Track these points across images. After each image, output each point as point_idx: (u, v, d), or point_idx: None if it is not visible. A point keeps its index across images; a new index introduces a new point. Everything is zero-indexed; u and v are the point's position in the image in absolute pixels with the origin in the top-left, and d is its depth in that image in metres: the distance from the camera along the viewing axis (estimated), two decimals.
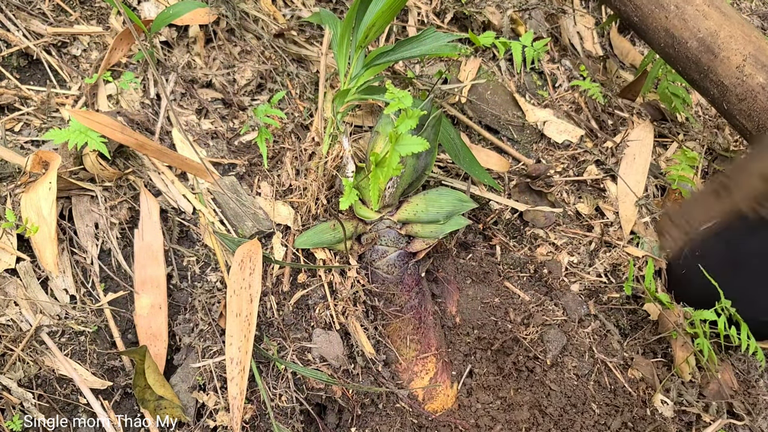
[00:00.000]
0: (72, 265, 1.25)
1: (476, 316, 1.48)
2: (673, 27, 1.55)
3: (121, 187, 1.35)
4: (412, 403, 1.31)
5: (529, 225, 1.68)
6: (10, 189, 1.26)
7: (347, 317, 1.32)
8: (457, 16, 2.01)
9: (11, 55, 1.44)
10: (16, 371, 1.13)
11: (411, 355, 1.35)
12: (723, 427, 1.46)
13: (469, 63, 1.89)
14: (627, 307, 1.58)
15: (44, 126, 1.38)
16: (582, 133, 1.87)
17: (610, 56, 2.20)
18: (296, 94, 1.62)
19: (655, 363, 1.52)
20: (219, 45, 1.64)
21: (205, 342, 1.24)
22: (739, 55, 1.47)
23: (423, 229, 1.38)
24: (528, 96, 1.94)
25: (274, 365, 1.24)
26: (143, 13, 1.60)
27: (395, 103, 1.09)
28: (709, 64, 1.51)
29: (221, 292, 1.30)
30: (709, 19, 1.51)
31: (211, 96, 1.57)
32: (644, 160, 1.79)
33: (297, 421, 1.22)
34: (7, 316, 1.16)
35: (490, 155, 1.73)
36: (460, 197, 1.39)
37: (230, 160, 1.47)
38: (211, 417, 1.18)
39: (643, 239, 1.67)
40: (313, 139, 1.48)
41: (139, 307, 1.25)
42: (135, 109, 1.47)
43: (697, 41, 1.52)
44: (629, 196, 1.74)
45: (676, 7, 1.55)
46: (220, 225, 1.38)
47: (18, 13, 1.47)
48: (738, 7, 2.68)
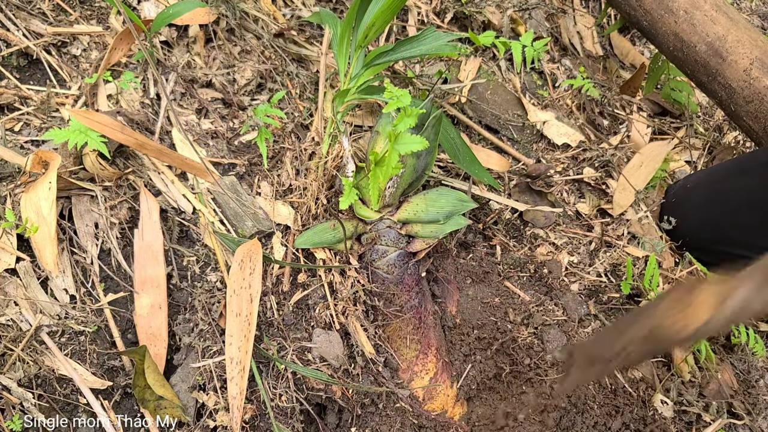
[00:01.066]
0: (72, 265, 1.25)
1: (476, 316, 1.48)
2: (682, 31, 1.60)
3: (121, 187, 1.35)
4: (412, 403, 1.31)
5: (529, 225, 1.68)
6: (10, 189, 1.26)
7: (347, 317, 1.32)
8: (457, 16, 2.00)
9: (11, 54, 1.44)
10: (16, 371, 1.13)
11: (411, 355, 1.34)
12: (723, 427, 1.46)
13: (469, 63, 1.89)
14: (627, 307, 1.58)
15: (44, 126, 1.38)
16: (582, 134, 1.87)
17: (610, 56, 2.20)
18: (296, 93, 1.62)
19: (655, 363, 1.52)
20: (219, 45, 1.64)
21: (205, 342, 1.24)
22: (746, 59, 1.52)
23: (423, 229, 1.38)
24: (528, 96, 1.94)
25: (274, 365, 1.24)
26: (143, 12, 1.60)
27: (393, 101, 1.09)
28: (717, 68, 1.56)
29: (221, 292, 1.30)
30: (717, 24, 1.56)
31: (211, 96, 1.57)
32: (649, 170, 1.79)
33: (297, 421, 1.22)
34: (7, 316, 1.16)
35: (490, 155, 1.73)
36: (460, 197, 1.39)
37: (230, 160, 1.47)
38: (211, 417, 1.18)
39: (643, 238, 1.67)
40: (313, 139, 1.48)
41: (139, 307, 1.25)
42: (135, 108, 1.47)
43: (706, 45, 1.57)
44: (629, 195, 1.74)
45: (685, 12, 1.59)
46: (220, 225, 1.38)
47: (18, 12, 1.47)
48: (738, 7, 2.68)
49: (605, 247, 1.67)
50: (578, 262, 1.64)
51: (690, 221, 1.64)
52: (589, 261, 1.65)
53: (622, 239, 1.68)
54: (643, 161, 1.79)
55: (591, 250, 1.67)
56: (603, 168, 1.82)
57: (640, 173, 1.78)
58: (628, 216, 1.72)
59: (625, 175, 1.76)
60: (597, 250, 1.67)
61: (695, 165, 1.93)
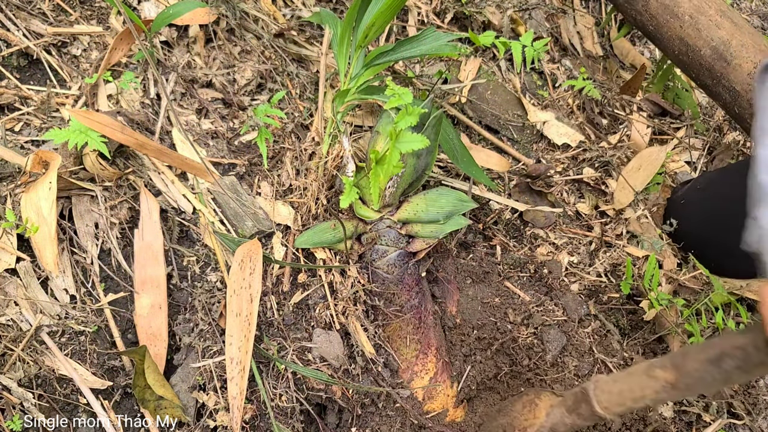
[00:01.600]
0: (72, 265, 1.25)
1: (476, 316, 1.48)
2: (687, 36, 1.63)
3: (121, 187, 1.35)
4: (412, 403, 1.31)
5: (529, 225, 1.68)
6: (10, 189, 1.26)
7: (347, 317, 1.32)
8: (457, 16, 2.00)
9: (11, 54, 1.44)
10: (16, 371, 1.13)
11: (411, 354, 1.34)
12: (723, 427, 1.46)
13: (469, 63, 1.89)
14: (627, 307, 1.58)
15: (44, 126, 1.38)
16: (582, 135, 1.87)
17: (610, 56, 2.20)
18: (296, 93, 1.62)
19: None
20: (219, 45, 1.64)
21: (205, 342, 1.24)
22: (750, 63, 1.55)
23: (423, 229, 1.38)
24: (528, 96, 1.94)
25: (274, 365, 1.24)
26: (143, 12, 1.60)
27: (395, 99, 1.09)
28: (721, 71, 1.59)
29: (221, 292, 1.30)
30: (721, 29, 1.59)
31: (211, 96, 1.57)
32: (648, 173, 1.79)
33: (297, 421, 1.22)
34: (7, 315, 1.16)
35: (490, 155, 1.73)
36: (460, 197, 1.39)
37: (230, 160, 1.47)
38: (211, 417, 1.18)
39: (642, 237, 1.67)
40: (313, 139, 1.48)
41: (139, 307, 1.25)
42: (135, 108, 1.47)
43: (711, 49, 1.60)
44: (628, 194, 1.74)
45: (690, 17, 1.62)
46: (220, 225, 1.38)
47: (18, 12, 1.47)
48: (738, 7, 2.69)
49: (605, 247, 1.67)
50: (578, 262, 1.64)
51: (695, 223, 1.63)
52: (589, 261, 1.65)
53: (622, 239, 1.68)
54: (642, 164, 1.80)
55: (591, 250, 1.67)
56: (602, 168, 1.82)
57: (638, 175, 1.78)
58: (626, 215, 1.72)
59: (624, 176, 1.77)
60: (597, 250, 1.67)
61: (695, 165, 1.93)
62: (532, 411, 1.20)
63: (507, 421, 1.26)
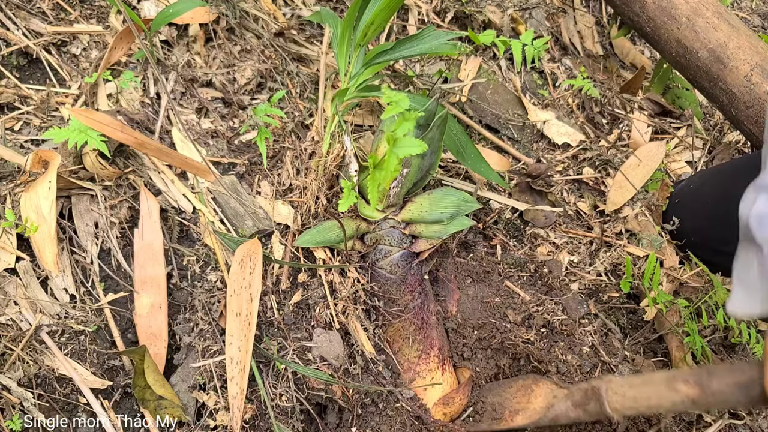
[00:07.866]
0: (72, 264, 1.25)
1: (476, 316, 1.48)
2: (685, 38, 1.64)
3: (121, 187, 1.35)
4: (413, 404, 1.31)
5: (529, 224, 1.67)
6: (10, 188, 1.26)
7: (347, 317, 1.32)
8: (457, 15, 2.00)
9: (11, 54, 1.44)
10: (16, 371, 1.13)
11: (413, 355, 1.34)
12: (723, 427, 1.46)
13: (469, 62, 1.89)
14: (627, 307, 1.58)
15: (44, 125, 1.38)
16: (582, 134, 1.87)
17: (610, 55, 2.20)
18: (296, 93, 1.62)
19: (656, 363, 1.52)
20: (219, 44, 1.64)
21: (205, 341, 1.24)
22: (747, 65, 1.56)
23: (427, 230, 1.38)
24: (528, 95, 1.93)
25: (274, 365, 1.24)
26: (143, 11, 1.59)
27: (391, 107, 1.08)
28: (718, 73, 1.60)
29: (221, 291, 1.30)
30: (718, 31, 1.60)
31: (211, 95, 1.57)
32: (647, 170, 1.79)
33: (297, 421, 1.22)
34: (7, 315, 1.16)
35: (490, 154, 1.73)
36: (464, 197, 1.39)
37: (230, 160, 1.47)
38: (211, 417, 1.18)
39: (640, 234, 1.67)
40: (313, 139, 1.47)
41: (139, 307, 1.25)
42: (135, 108, 1.46)
43: (708, 51, 1.60)
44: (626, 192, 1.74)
45: (688, 19, 1.63)
46: (220, 224, 1.37)
47: (18, 11, 1.47)
48: (738, 7, 2.68)
49: (605, 247, 1.67)
50: (578, 261, 1.64)
51: (696, 222, 1.63)
52: (589, 260, 1.65)
53: (622, 238, 1.68)
54: (641, 160, 1.79)
55: (591, 250, 1.67)
56: (603, 167, 1.81)
57: (637, 172, 1.78)
58: (624, 213, 1.72)
59: (623, 172, 1.76)
60: (597, 249, 1.67)
61: (696, 165, 1.93)
62: (527, 396, 1.19)
63: (498, 401, 1.25)
